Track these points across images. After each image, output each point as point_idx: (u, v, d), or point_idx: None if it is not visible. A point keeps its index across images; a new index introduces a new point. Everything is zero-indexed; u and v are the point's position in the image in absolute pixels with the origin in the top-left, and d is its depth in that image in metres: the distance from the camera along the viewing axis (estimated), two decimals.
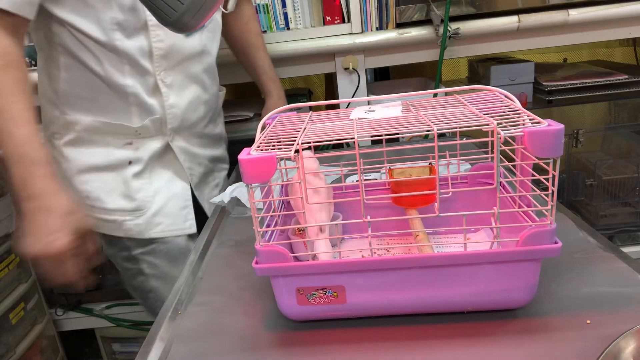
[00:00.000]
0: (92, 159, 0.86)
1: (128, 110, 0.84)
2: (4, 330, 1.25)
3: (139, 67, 0.82)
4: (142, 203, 0.88)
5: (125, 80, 0.82)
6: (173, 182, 0.92)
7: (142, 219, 0.88)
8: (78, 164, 0.86)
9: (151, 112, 0.85)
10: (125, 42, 0.79)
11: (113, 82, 0.81)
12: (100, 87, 0.82)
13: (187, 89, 0.89)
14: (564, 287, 0.50)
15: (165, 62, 0.84)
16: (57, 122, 0.85)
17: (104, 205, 0.87)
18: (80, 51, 0.80)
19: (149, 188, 0.89)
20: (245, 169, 0.43)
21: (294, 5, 1.27)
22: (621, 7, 1.23)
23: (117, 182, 0.87)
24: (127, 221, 0.87)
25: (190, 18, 0.49)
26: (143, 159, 0.88)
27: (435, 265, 0.45)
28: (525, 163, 0.47)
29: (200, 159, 0.97)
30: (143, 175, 0.88)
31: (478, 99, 0.51)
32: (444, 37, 1.22)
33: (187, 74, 0.88)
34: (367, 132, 0.45)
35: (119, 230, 0.88)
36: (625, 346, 0.39)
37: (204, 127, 0.97)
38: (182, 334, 0.51)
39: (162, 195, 0.90)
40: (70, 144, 0.85)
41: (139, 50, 0.81)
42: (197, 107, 0.92)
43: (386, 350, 0.44)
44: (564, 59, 1.72)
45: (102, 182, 0.86)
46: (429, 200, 0.55)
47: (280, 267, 0.45)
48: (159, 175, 0.91)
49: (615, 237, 1.45)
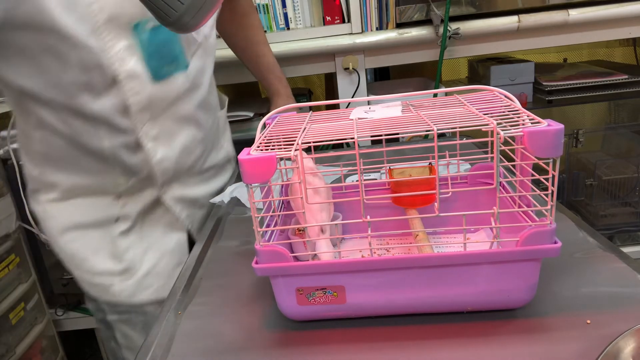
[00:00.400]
0: (76, 216, 0.78)
1: (111, 172, 0.76)
2: (4, 330, 1.25)
3: (115, 128, 0.72)
4: (132, 263, 0.79)
5: (102, 143, 0.73)
6: (167, 236, 0.83)
7: (131, 281, 0.80)
8: (62, 221, 0.79)
9: (137, 172, 0.77)
10: (94, 104, 0.69)
11: (88, 146, 0.73)
12: (76, 150, 0.74)
13: (179, 134, 0.79)
14: (564, 287, 0.50)
15: (147, 115, 0.73)
16: (38, 181, 0.79)
17: (91, 266, 0.79)
18: (45, 113, 0.70)
19: (138, 246, 0.80)
20: (245, 169, 0.43)
21: (294, 5, 1.27)
22: (621, 7, 1.23)
23: (104, 241, 0.79)
24: (115, 284, 0.79)
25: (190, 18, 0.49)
26: (131, 215, 0.79)
27: (435, 265, 0.45)
28: (525, 163, 0.47)
29: (202, 200, 0.87)
30: (132, 233, 0.80)
31: (478, 99, 0.51)
32: (444, 37, 1.22)
33: (176, 118, 0.77)
34: (367, 132, 0.45)
35: (106, 294, 0.80)
36: (625, 346, 0.39)
37: (204, 162, 0.87)
38: (182, 334, 0.51)
39: (154, 253, 0.81)
40: (53, 200, 0.78)
41: (112, 109, 0.70)
42: (193, 150, 0.82)
43: (386, 350, 0.44)
44: (564, 59, 1.72)
45: (88, 240, 0.79)
46: (428, 200, 0.55)
47: (280, 267, 0.45)
48: (150, 230, 0.82)
49: (615, 237, 1.45)
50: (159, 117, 0.74)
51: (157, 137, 0.75)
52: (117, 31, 0.66)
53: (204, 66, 0.81)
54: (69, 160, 0.75)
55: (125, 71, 0.68)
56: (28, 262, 1.37)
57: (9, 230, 1.29)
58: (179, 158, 0.79)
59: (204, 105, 0.82)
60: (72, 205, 0.78)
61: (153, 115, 0.73)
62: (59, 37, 0.62)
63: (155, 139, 0.75)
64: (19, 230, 1.33)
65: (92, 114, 0.70)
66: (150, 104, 0.72)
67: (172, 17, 0.48)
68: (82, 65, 0.66)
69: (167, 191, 0.81)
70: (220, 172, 0.93)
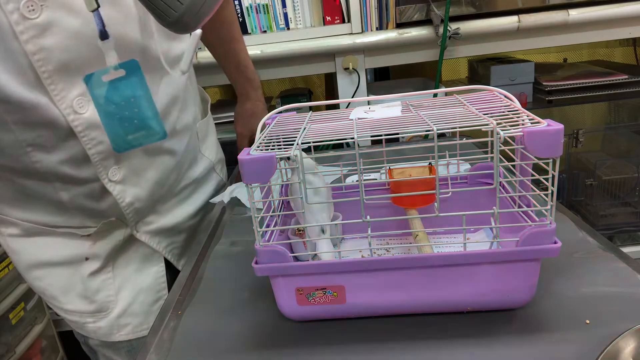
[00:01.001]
0: (41, 254, 0.70)
1: (75, 218, 0.68)
2: (4, 330, 1.25)
3: (73, 180, 0.63)
4: (104, 304, 0.73)
5: (60, 195, 0.65)
6: (142, 271, 0.76)
7: (104, 322, 0.73)
8: (27, 258, 0.71)
9: (104, 216, 0.69)
10: (46, 161, 0.60)
11: (46, 197, 0.65)
12: (34, 199, 0.66)
13: (149, 169, 0.69)
14: (564, 287, 0.50)
15: (111, 160, 0.63)
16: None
17: (61, 305, 0.73)
18: None
19: (110, 286, 0.73)
20: (245, 169, 0.43)
21: (294, 5, 1.27)
22: (621, 7, 1.23)
23: (74, 281, 0.71)
24: (89, 323, 0.73)
25: (190, 18, 0.48)
26: (101, 255, 0.72)
27: (435, 265, 0.45)
28: (525, 163, 0.47)
29: (184, 223, 0.79)
30: (103, 272, 0.73)
31: (478, 99, 0.51)
32: (444, 37, 1.22)
33: (142, 155, 0.67)
34: (367, 132, 0.45)
35: (82, 329, 0.75)
36: (625, 346, 0.39)
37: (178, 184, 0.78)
38: (182, 334, 0.51)
39: (128, 292, 0.74)
40: (15, 236, 0.70)
41: (68, 162, 0.61)
42: (167, 179, 0.74)
43: (386, 350, 0.44)
44: (564, 59, 1.72)
45: (56, 279, 0.71)
46: (428, 200, 0.55)
47: (280, 267, 0.45)
48: (123, 268, 0.74)
49: (615, 237, 1.45)
50: (122, 159, 0.65)
51: (125, 179, 0.66)
52: (69, 79, 0.56)
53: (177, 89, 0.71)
54: (25, 205, 0.67)
55: (85, 121, 0.59)
56: None
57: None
58: (151, 195, 0.71)
59: (178, 129, 0.73)
60: (36, 243, 0.70)
61: (117, 159, 0.64)
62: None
63: (123, 182, 0.66)
64: None
65: (43, 172, 0.61)
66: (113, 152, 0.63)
67: (172, 18, 0.48)
68: (24, 124, 0.57)
69: (141, 227, 0.74)
70: (200, 186, 0.85)
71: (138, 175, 0.68)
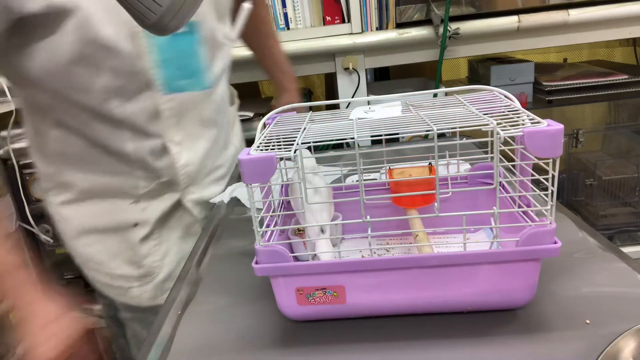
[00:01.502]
0: (92, 220, 0.76)
1: (132, 174, 0.74)
2: (4, 330, 1.25)
3: (142, 132, 0.70)
4: (151, 269, 0.78)
5: (126, 146, 0.71)
6: (184, 241, 0.82)
7: (150, 286, 0.79)
8: (77, 225, 0.76)
9: (160, 176, 0.75)
10: (122, 108, 0.67)
11: (111, 148, 0.71)
12: (97, 151, 0.71)
13: (202, 138, 0.78)
14: (564, 287, 0.50)
15: (174, 120, 0.72)
16: (52, 180, 0.76)
17: (109, 270, 0.78)
18: (67, 116, 0.68)
19: (157, 251, 0.79)
20: (245, 169, 0.43)
21: (294, 5, 1.27)
22: (621, 7, 1.23)
23: (122, 247, 0.77)
24: (134, 288, 0.78)
25: (170, 19, 0.47)
26: (150, 221, 0.77)
27: (435, 265, 0.45)
28: (525, 163, 0.47)
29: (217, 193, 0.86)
30: (151, 239, 0.78)
31: (478, 99, 0.51)
32: (444, 37, 1.22)
33: (198, 122, 0.76)
34: (367, 132, 0.45)
35: (124, 296, 0.79)
36: (625, 346, 0.39)
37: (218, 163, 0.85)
38: (182, 334, 0.51)
39: (173, 257, 0.80)
40: (67, 203, 0.75)
41: (142, 113, 0.69)
42: (212, 150, 0.82)
43: (386, 350, 0.44)
44: (564, 59, 1.72)
45: (105, 245, 0.76)
46: (428, 200, 0.55)
47: (280, 267, 0.45)
48: (169, 234, 0.80)
49: (615, 237, 1.45)
50: (184, 122, 0.74)
51: (182, 141, 0.74)
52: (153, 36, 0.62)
53: (225, 66, 0.80)
54: (88, 159, 0.73)
55: None
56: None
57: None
58: (201, 162, 0.79)
59: (222, 105, 0.82)
60: (88, 208, 0.75)
61: (179, 119, 0.73)
62: (97, 46, 0.61)
63: (180, 143, 0.74)
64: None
65: (119, 118, 0.68)
66: (180, 109, 0.71)
67: (151, 20, 0.47)
68: (115, 71, 0.64)
69: (187, 194, 0.80)
70: (227, 173, 0.91)
71: (192, 141, 0.76)
